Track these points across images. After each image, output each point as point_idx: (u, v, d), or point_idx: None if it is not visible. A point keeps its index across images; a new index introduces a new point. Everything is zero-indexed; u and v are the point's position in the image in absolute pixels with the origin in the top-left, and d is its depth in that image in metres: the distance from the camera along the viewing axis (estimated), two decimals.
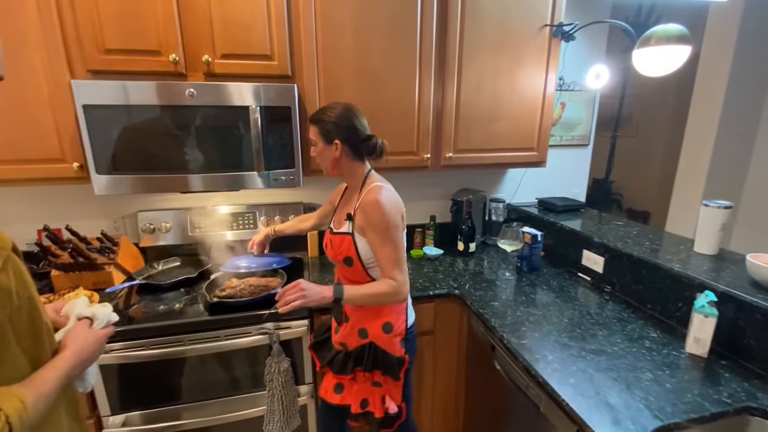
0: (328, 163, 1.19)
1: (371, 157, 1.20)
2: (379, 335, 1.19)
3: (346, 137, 1.15)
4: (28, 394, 0.61)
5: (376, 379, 1.20)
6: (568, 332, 1.25)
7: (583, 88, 2.20)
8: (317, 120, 1.16)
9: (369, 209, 1.11)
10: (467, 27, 1.63)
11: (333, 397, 1.23)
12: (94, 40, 1.31)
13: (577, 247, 1.71)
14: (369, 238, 1.13)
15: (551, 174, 2.24)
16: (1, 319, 0.61)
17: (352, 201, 1.21)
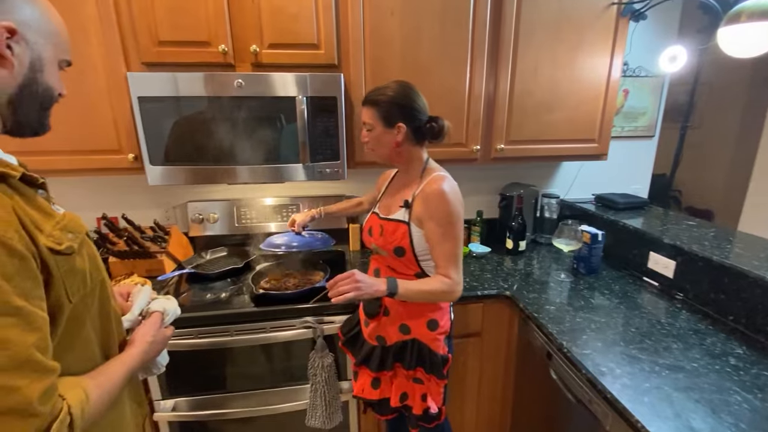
0: (387, 149, 1.10)
1: (435, 140, 1.11)
2: (423, 333, 1.14)
3: (409, 119, 1.06)
4: (94, 388, 0.61)
5: (417, 375, 1.15)
6: (637, 343, 1.13)
7: (650, 73, 2.00)
8: (374, 101, 1.06)
9: (433, 200, 1.04)
10: (524, 10, 1.51)
11: (371, 393, 1.19)
12: (148, 32, 1.33)
13: (642, 248, 1.56)
14: (428, 230, 1.05)
15: (610, 168, 2.06)
16: (76, 301, 0.62)
17: (408, 187, 1.13)
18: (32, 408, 0.50)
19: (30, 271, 0.53)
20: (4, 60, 0.56)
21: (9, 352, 0.49)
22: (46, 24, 0.61)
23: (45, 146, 1.36)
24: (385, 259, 1.17)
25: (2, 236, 0.50)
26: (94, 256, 0.68)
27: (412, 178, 1.14)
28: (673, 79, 2.12)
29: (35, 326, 0.53)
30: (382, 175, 1.36)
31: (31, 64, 0.59)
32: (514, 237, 1.78)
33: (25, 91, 0.60)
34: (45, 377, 0.53)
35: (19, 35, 0.57)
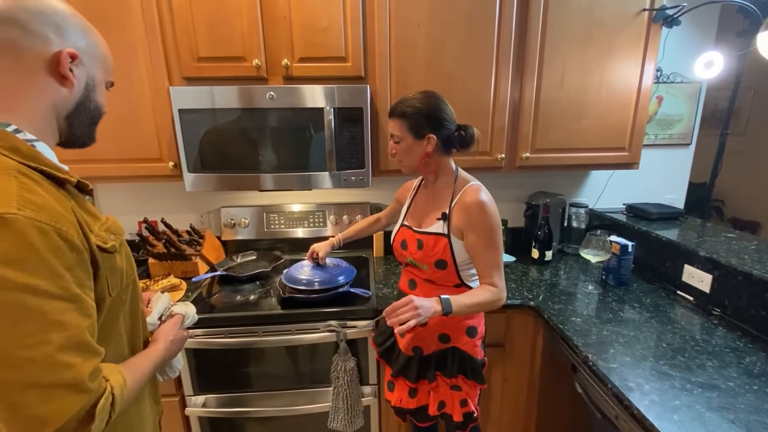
0: (416, 161, 1.08)
1: (464, 149, 1.10)
2: (463, 340, 1.14)
3: (438, 129, 1.05)
4: (129, 374, 0.66)
5: (457, 383, 1.15)
6: (668, 359, 1.09)
7: (686, 79, 1.93)
8: (402, 113, 1.05)
9: (473, 211, 1.04)
10: (551, 18, 1.51)
11: (409, 402, 1.20)
12: (189, 49, 1.42)
13: (676, 261, 1.50)
14: (469, 241, 1.06)
15: (642, 177, 2.00)
16: (114, 296, 0.67)
17: (441, 198, 1.13)
18: (84, 384, 0.56)
19: (84, 264, 0.60)
20: (66, 81, 0.63)
21: (67, 333, 0.55)
22: (97, 50, 0.69)
23: (96, 155, 1.48)
24: (423, 272, 1.16)
25: (65, 233, 0.56)
26: (129, 256, 0.75)
27: (444, 189, 1.13)
28: (712, 85, 2.04)
29: (88, 312, 0.59)
30: (402, 186, 1.37)
31: (86, 85, 0.67)
32: (539, 246, 1.75)
33: (81, 108, 0.67)
34: (94, 358, 0.59)
35: (79, 59, 0.64)
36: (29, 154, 0.58)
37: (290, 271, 1.47)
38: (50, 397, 0.54)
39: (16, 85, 0.60)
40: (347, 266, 1.53)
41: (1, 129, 0.57)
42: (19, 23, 0.58)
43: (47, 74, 0.61)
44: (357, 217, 1.89)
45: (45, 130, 0.64)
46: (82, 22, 0.66)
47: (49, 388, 0.54)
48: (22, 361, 0.52)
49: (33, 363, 0.53)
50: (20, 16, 0.58)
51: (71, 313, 0.56)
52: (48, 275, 0.54)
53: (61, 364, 0.54)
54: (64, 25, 0.62)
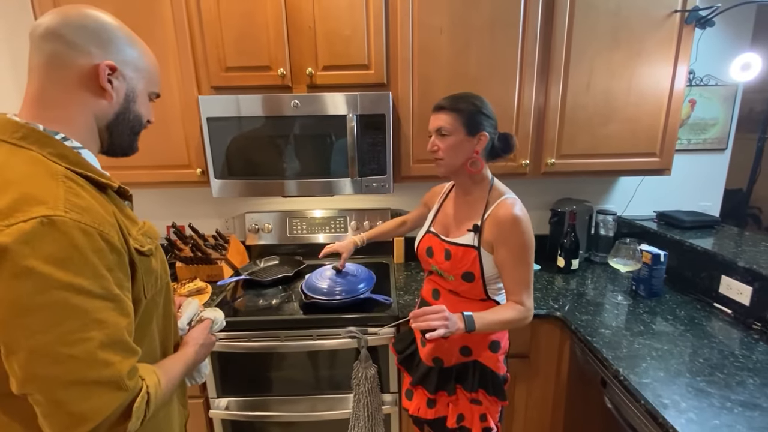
0: (461, 159, 1.04)
1: (504, 156, 1.09)
2: (486, 355, 1.11)
3: (491, 131, 1.04)
4: (163, 375, 0.67)
5: (477, 397, 1.12)
6: (706, 376, 1.03)
7: (720, 82, 1.85)
8: (457, 107, 1.02)
9: (506, 226, 1.01)
10: (577, 21, 1.48)
11: (427, 412, 1.18)
12: (217, 60, 1.47)
13: (712, 271, 1.43)
14: (500, 256, 1.03)
15: (674, 183, 1.92)
16: (149, 298, 0.69)
17: (473, 208, 1.10)
18: (123, 382, 0.57)
19: (124, 266, 0.62)
20: (104, 92, 0.65)
21: (107, 331, 0.57)
22: (140, 62, 0.71)
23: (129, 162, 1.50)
24: (448, 282, 1.12)
25: (107, 235, 0.59)
26: (163, 260, 0.77)
27: (477, 199, 1.10)
28: (749, 87, 1.95)
29: (126, 312, 0.61)
30: (430, 190, 1.36)
31: (126, 96, 0.69)
32: (565, 255, 1.71)
33: (120, 118, 0.70)
34: (132, 357, 0.61)
35: (119, 71, 0.66)
36: (75, 160, 0.62)
37: (311, 278, 1.48)
38: (91, 394, 0.55)
39: (63, 96, 0.63)
40: (368, 273, 1.53)
41: (50, 136, 0.61)
42: (63, 38, 0.61)
43: (87, 86, 0.64)
44: (378, 223, 1.89)
45: (89, 139, 0.67)
46: (127, 35, 0.68)
47: (89, 384, 0.55)
48: (65, 357, 0.53)
49: (75, 360, 0.54)
50: (65, 32, 0.61)
51: (111, 312, 0.58)
52: (90, 275, 0.56)
53: (101, 362, 0.56)
54: (107, 38, 0.65)
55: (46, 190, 0.55)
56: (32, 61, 0.63)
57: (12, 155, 0.58)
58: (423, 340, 1.19)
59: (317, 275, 1.49)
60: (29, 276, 0.51)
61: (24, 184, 0.55)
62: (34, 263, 0.51)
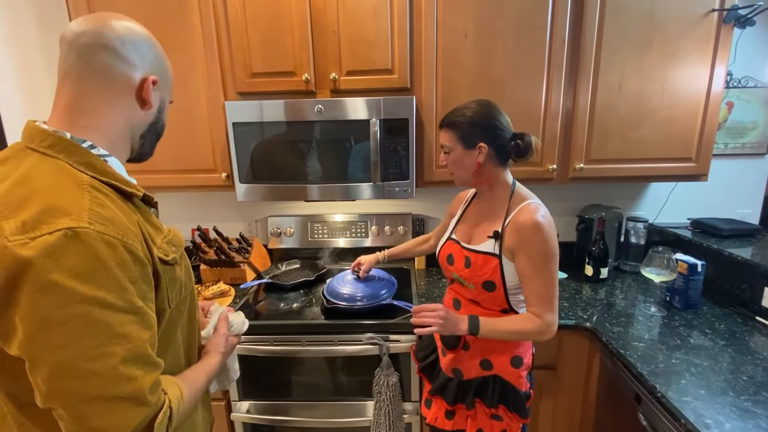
0: (468, 172, 1.04)
1: (521, 158, 1.02)
2: (507, 370, 1.07)
3: (490, 138, 1.00)
4: (185, 388, 0.66)
5: (498, 413, 1.08)
6: (751, 394, 0.97)
7: (760, 83, 1.77)
8: (453, 123, 1.02)
9: (527, 232, 0.96)
10: (607, 23, 1.44)
11: (444, 423, 1.15)
12: (243, 66, 1.49)
13: (753, 283, 1.35)
14: (519, 264, 0.98)
15: (710, 190, 1.84)
16: (173, 307, 0.68)
17: (494, 214, 1.06)
18: (145, 397, 0.56)
19: (147, 277, 0.61)
20: (146, 104, 0.68)
21: (130, 346, 0.56)
22: (168, 74, 0.73)
23: (157, 166, 1.57)
24: (469, 291, 1.09)
25: (131, 246, 0.58)
26: (188, 267, 0.76)
27: (498, 204, 1.06)
28: None
29: (149, 325, 0.60)
30: (455, 198, 1.32)
31: (159, 106, 0.71)
32: (594, 263, 1.65)
33: (152, 128, 0.72)
34: (155, 371, 0.59)
35: (158, 84, 0.69)
36: (101, 168, 0.61)
37: (332, 283, 1.48)
38: (113, 410, 0.54)
39: (102, 105, 0.64)
40: (389, 278, 1.52)
41: (77, 144, 0.60)
42: (112, 50, 0.62)
43: (131, 97, 0.66)
44: (399, 228, 1.87)
45: (119, 147, 0.67)
46: (160, 50, 0.71)
47: (111, 400, 0.54)
48: (87, 373, 0.53)
49: (98, 375, 0.53)
50: (113, 44, 0.62)
51: (134, 325, 0.57)
52: (114, 288, 0.55)
53: (124, 377, 0.55)
54: (147, 52, 0.67)
55: (71, 200, 0.55)
56: (70, 67, 0.62)
57: (40, 163, 0.58)
58: (443, 350, 1.17)
59: (339, 280, 1.48)
60: (53, 290, 0.51)
61: (50, 194, 0.55)
62: (57, 277, 0.51)
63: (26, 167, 0.57)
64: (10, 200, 0.54)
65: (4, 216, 0.52)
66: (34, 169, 0.57)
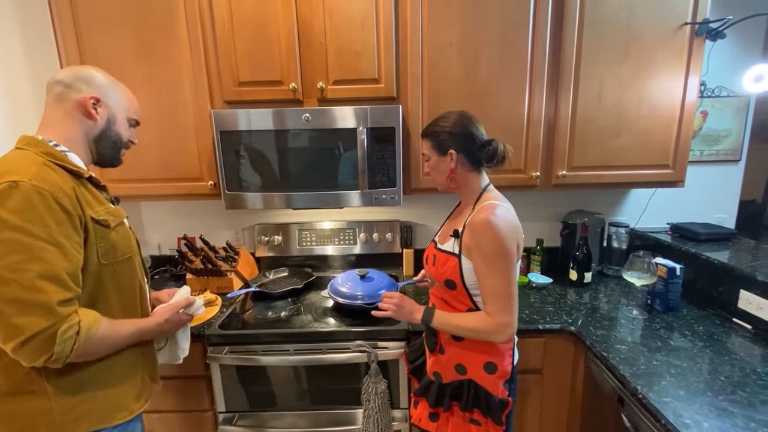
0: (443, 178, 1.10)
1: (492, 164, 1.07)
2: (480, 375, 1.08)
3: (461, 146, 1.06)
4: (106, 323, 0.85)
5: (475, 417, 1.09)
6: (728, 394, 1.00)
7: (733, 93, 1.84)
8: (430, 133, 1.10)
9: (478, 230, 0.99)
10: (586, 35, 1.49)
11: (428, 424, 1.16)
12: (230, 74, 1.50)
13: (730, 285, 1.40)
14: (475, 263, 1.01)
15: (687, 195, 1.90)
16: (105, 263, 0.88)
17: (463, 216, 1.11)
18: (53, 308, 0.75)
19: (74, 225, 0.81)
20: (90, 115, 0.92)
21: (45, 266, 0.75)
22: (120, 98, 0.98)
23: (144, 175, 1.57)
24: (438, 290, 1.15)
25: (59, 199, 0.78)
26: (128, 237, 0.96)
27: (467, 206, 1.12)
28: (762, 98, 1.93)
29: (69, 258, 0.79)
30: None
31: (108, 119, 0.95)
32: (578, 268, 1.68)
33: (104, 135, 0.95)
34: (67, 292, 0.77)
35: (102, 102, 0.93)
36: (57, 156, 0.85)
37: (335, 282, 1.54)
38: (27, 312, 0.73)
39: (63, 119, 0.90)
40: (390, 281, 1.55)
41: (44, 142, 0.87)
42: (64, 83, 0.90)
43: (79, 111, 0.91)
44: (387, 235, 1.89)
45: (78, 148, 0.92)
46: (112, 81, 0.97)
47: (26, 304, 0.73)
48: (8, 280, 0.73)
49: (16, 283, 0.73)
50: (66, 80, 0.90)
51: (52, 254, 0.76)
52: (38, 224, 0.75)
53: (36, 288, 0.74)
54: (92, 81, 0.93)
55: (23, 168, 0.78)
56: (46, 99, 0.91)
57: (16, 152, 0.84)
58: (429, 353, 1.19)
59: (342, 279, 1.55)
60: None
61: (9, 166, 0.78)
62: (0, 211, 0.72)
63: (6, 156, 0.83)
64: None
65: None
66: (10, 155, 0.84)
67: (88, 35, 1.47)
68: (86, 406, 0.85)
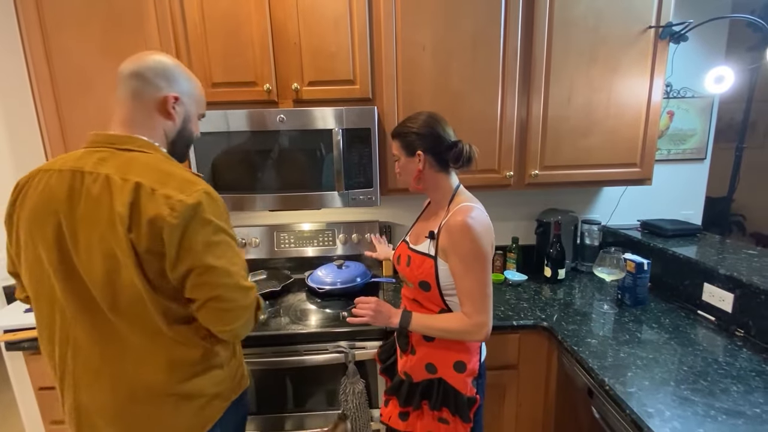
0: (411, 178, 1.11)
1: (458, 165, 1.08)
2: (450, 374, 1.09)
3: (428, 147, 1.07)
4: None
5: (443, 416, 1.10)
6: (690, 384, 1.04)
7: (697, 94, 1.91)
8: (399, 134, 1.11)
9: (455, 232, 1.00)
10: (555, 38, 1.52)
11: (398, 423, 1.17)
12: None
13: (694, 279, 1.45)
14: (451, 264, 1.03)
15: (656, 193, 1.97)
16: None
17: (436, 217, 1.12)
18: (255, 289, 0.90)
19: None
20: (170, 116, 0.89)
21: (242, 259, 0.88)
22: (194, 92, 0.94)
23: None
24: (411, 291, 1.16)
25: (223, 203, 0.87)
26: None
27: (440, 207, 1.13)
28: (726, 98, 2.01)
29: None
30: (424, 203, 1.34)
31: (184, 118, 0.92)
32: (552, 265, 1.72)
33: (179, 135, 0.93)
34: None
35: (180, 100, 0.90)
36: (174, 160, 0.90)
37: (316, 272, 1.71)
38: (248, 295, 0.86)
39: (145, 117, 0.87)
40: (364, 270, 1.72)
41: (155, 145, 0.87)
42: (143, 77, 0.85)
43: (157, 111, 0.87)
44: (366, 236, 1.89)
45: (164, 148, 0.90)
46: (185, 72, 0.92)
47: (244, 289, 0.85)
48: (233, 272, 0.83)
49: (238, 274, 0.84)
50: (144, 73, 0.85)
51: (239, 249, 0.87)
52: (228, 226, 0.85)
53: (245, 276, 0.87)
54: (172, 76, 0.89)
55: (190, 177, 0.83)
56: (118, 93, 0.86)
57: (145, 156, 0.83)
58: (401, 353, 1.20)
59: (321, 269, 1.71)
60: (209, 223, 0.80)
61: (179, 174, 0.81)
62: (209, 216, 0.80)
63: (138, 160, 0.81)
64: (153, 179, 0.78)
65: (160, 186, 0.77)
66: (145, 160, 0.82)
67: (55, 34, 1.43)
68: (240, 369, 1.00)
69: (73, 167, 0.79)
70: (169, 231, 0.75)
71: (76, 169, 0.79)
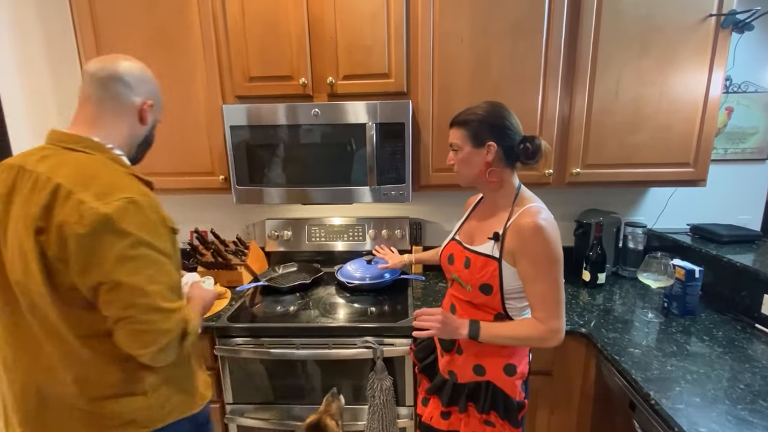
0: (475, 171, 1.02)
1: (529, 162, 1.01)
2: (500, 377, 1.05)
3: (500, 137, 0.99)
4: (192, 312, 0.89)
5: (490, 419, 1.06)
6: (748, 403, 0.96)
7: (761, 88, 1.76)
8: (463, 121, 1.02)
9: (528, 235, 0.94)
10: (604, 27, 1.44)
11: (440, 423, 1.14)
12: (241, 70, 1.51)
13: (753, 290, 1.34)
14: (521, 268, 0.97)
15: (710, 196, 1.82)
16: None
17: (495, 217, 1.05)
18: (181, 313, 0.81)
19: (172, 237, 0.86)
20: (144, 121, 0.90)
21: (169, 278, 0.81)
22: (160, 98, 0.95)
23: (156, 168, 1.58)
24: (465, 293, 1.08)
25: (162, 214, 0.82)
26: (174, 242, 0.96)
27: (502, 207, 1.05)
28: None
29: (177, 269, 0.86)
30: (466, 202, 1.30)
31: (152, 123, 0.94)
32: (591, 268, 1.64)
33: (146, 140, 0.94)
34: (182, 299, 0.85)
35: (153, 107, 0.91)
36: (123, 163, 0.86)
37: (345, 267, 1.71)
38: (167, 319, 0.78)
39: (114, 121, 0.86)
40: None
41: (103, 145, 0.83)
42: (123, 81, 0.85)
43: (135, 116, 0.89)
44: (396, 232, 1.87)
45: (125, 152, 0.89)
46: (155, 80, 0.93)
47: (165, 311, 0.78)
48: (150, 292, 0.76)
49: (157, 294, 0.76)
50: (125, 77, 0.86)
51: (169, 266, 0.81)
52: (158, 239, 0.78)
53: (169, 298, 0.79)
54: (150, 82, 0.91)
55: (123, 182, 0.78)
56: (90, 92, 0.84)
57: (85, 157, 0.79)
58: (442, 351, 1.17)
59: (351, 264, 1.70)
60: (127, 236, 0.73)
61: (107, 178, 0.77)
62: (128, 227, 0.73)
63: (75, 159, 0.78)
64: (76, 181, 0.74)
65: (78, 190, 0.73)
66: (82, 160, 0.79)
67: (104, 28, 1.50)
68: (176, 397, 0.89)
69: (20, 163, 0.78)
70: (75, 240, 0.71)
71: (21, 166, 0.78)
